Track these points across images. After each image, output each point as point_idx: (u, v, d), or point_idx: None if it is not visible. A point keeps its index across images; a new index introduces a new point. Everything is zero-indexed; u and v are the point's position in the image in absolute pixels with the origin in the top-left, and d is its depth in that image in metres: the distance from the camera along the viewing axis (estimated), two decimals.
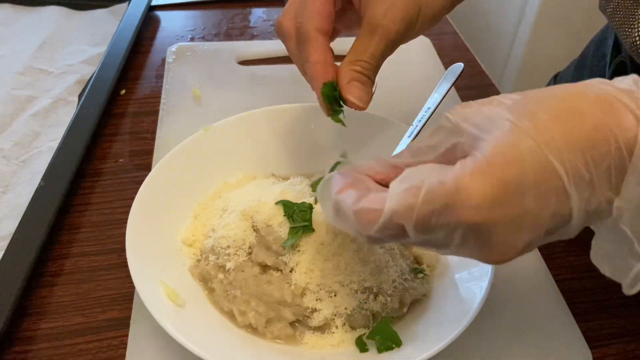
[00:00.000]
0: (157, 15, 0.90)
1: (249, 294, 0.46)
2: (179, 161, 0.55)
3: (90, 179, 0.61)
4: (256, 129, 0.60)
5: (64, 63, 0.77)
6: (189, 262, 0.50)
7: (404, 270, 0.48)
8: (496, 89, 0.78)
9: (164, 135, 0.65)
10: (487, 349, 0.47)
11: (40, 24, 0.84)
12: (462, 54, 0.85)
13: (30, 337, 0.47)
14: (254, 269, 0.47)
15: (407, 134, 0.57)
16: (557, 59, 1.38)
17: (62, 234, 0.55)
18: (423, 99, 0.60)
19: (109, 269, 0.52)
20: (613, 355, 0.48)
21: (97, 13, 0.87)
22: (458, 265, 0.49)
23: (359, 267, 0.47)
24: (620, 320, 0.50)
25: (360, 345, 0.44)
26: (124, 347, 0.46)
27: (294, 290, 0.46)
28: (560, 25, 1.34)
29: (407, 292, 0.47)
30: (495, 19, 1.47)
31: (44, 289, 0.50)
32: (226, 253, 0.47)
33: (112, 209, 0.58)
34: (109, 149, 0.65)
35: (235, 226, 0.49)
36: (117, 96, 0.73)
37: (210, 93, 0.72)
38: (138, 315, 0.47)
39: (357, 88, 0.46)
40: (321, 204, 0.39)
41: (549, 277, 0.52)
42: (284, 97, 0.70)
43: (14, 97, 0.70)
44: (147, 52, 0.82)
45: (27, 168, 0.61)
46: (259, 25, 0.89)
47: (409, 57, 0.81)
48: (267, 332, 0.45)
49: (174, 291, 0.45)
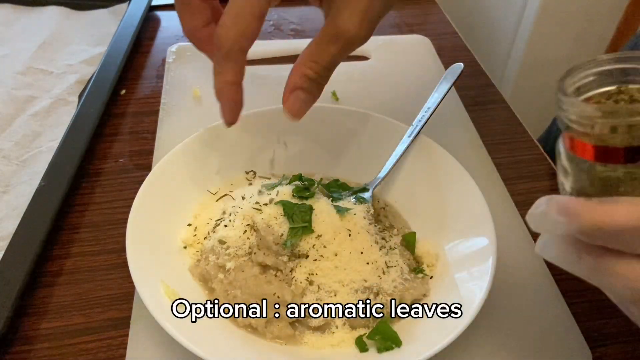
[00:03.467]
0: (157, 15, 0.90)
1: (249, 294, 0.46)
2: (179, 161, 0.55)
3: (90, 179, 0.61)
4: (256, 129, 0.60)
5: (64, 63, 0.77)
6: (189, 262, 0.50)
7: (404, 270, 0.48)
8: (496, 89, 0.78)
9: (164, 135, 0.65)
10: (487, 348, 0.47)
11: (41, 24, 0.84)
12: (462, 54, 0.85)
13: (30, 337, 0.47)
14: (254, 269, 0.47)
15: (407, 134, 0.57)
16: (557, 59, 1.38)
17: (62, 234, 0.55)
18: (423, 99, 0.60)
19: (109, 269, 0.52)
20: (613, 355, 0.48)
21: (97, 13, 0.87)
22: (458, 265, 0.49)
23: (359, 267, 0.47)
24: (620, 320, 0.50)
25: (360, 345, 0.44)
26: (124, 347, 0.46)
27: (294, 290, 0.46)
28: (560, 25, 1.34)
29: (407, 292, 0.47)
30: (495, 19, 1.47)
31: (44, 289, 0.50)
32: (226, 253, 0.48)
33: (112, 209, 0.58)
34: (109, 149, 0.65)
35: (235, 226, 0.49)
36: (117, 96, 0.73)
37: (210, 93, 0.71)
38: (138, 315, 0.47)
39: (298, 99, 0.44)
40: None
41: (549, 277, 0.52)
42: None
43: (14, 97, 0.70)
44: (147, 52, 0.82)
45: (27, 168, 0.61)
46: None
47: (409, 57, 0.81)
48: (267, 332, 0.45)
49: (174, 291, 0.45)
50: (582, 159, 0.31)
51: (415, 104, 0.60)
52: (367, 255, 0.48)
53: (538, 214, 0.32)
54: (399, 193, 0.57)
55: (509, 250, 0.53)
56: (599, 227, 0.29)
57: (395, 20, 0.90)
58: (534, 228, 0.33)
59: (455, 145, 0.59)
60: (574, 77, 0.33)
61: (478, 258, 0.47)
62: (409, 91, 0.74)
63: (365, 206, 0.52)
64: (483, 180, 0.52)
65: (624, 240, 0.29)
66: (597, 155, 0.30)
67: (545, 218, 0.31)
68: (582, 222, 0.29)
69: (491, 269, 0.45)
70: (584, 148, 0.31)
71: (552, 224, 0.31)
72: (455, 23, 0.92)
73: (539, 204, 0.32)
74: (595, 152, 0.30)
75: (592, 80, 0.33)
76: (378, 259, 0.48)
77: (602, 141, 0.30)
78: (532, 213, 0.32)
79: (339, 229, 0.48)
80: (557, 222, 0.30)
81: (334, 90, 0.72)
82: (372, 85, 0.76)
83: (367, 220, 0.50)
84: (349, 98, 0.72)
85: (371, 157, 0.58)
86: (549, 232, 0.33)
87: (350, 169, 0.60)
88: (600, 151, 0.30)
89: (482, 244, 0.48)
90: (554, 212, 0.30)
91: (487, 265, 0.45)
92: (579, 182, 0.31)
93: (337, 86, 0.74)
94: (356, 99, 0.72)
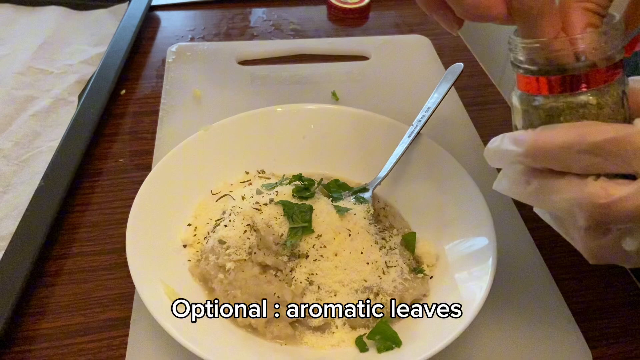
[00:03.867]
0: (157, 15, 0.90)
1: (249, 294, 0.46)
2: (179, 161, 0.55)
3: (90, 179, 0.61)
4: (256, 129, 0.60)
5: (64, 63, 0.77)
6: (189, 262, 0.50)
7: (404, 270, 0.48)
8: (496, 89, 0.78)
9: (164, 135, 0.65)
10: (487, 349, 0.47)
11: (41, 24, 0.84)
12: (462, 54, 0.85)
13: (30, 337, 0.47)
14: (254, 269, 0.47)
15: (407, 134, 0.57)
16: None
17: (62, 234, 0.55)
18: (423, 99, 0.60)
19: (109, 269, 0.52)
20: (613, 355, 0.48)
21: (97, 13, 0.87)
22: (458, 265, 0.49)
23: (359, 267, 0.47)
24: (620, 320, 0.50)
25: (360, 345, 0.44)
26: (124, 347, 0.46)
27: (294, 290, 0.46)
28: None
29: (407, 292, 0.47)
30: None
31: (44, 289, 0.50)
32: (226, 253, 0.47)
33: (112, 209, 0.58)
34: (109, 149, 0.65)
35: (235, 226, 0.49)
36: (117, 96, 0.73)
37: (210, 93, 0.72)
38: (138, 315, 0.47)
39: (592, 37, 0.34)
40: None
41: (549, 277, 0.53)
42: (284, 97, 0.70)
43: (14, 97, 0.70)
44: (147, 52, 0.82)
45: (27, 168, 0.61)
46: (259, 25, 0.89)
47: (409, 57, 0.81)
48: (267, 332, 0.45)
49: (174, 291, 0.45)
50: (529, 94, 0.35)
51: (415, 104, 0.60)
52: (367, 255, 0.48)
53: (493, 148, 0.37)
54: (399, 193, 0.57)
55: (509, 250, 0.53)
56: (540, 150, 0.33)
57: (395, 20, 0.90)
58: (490, 162, 0.37)
59: (455, 145, 0.59)
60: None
61: (478, 258, 0.47)
62: (409, 91, 0.74)
63: (365, 206, 0.52)
64: (483, 180, 0.52)
65: (563, 159, 0.32)
66: (539, 87, 0.35)
67: (498, 150, 0.36)
68: (527, 147, 0.34)
69: (491, 269, 0.45)
70: (530, 83, 0.35)
71: (504, 154, 0.36)
72: None
73: (494, 140, 0.36)
74: (538, 84, 0.35)
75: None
76: (378, 259, 0.48)
77: (543, 73, 0.34)
78: (488, 148, 0.37)
79: (339, 229, 0.48)
80: (508, 151, 0.35)
81: (334, 91, 0.72)
82: (372, 85, 0.76)
83: (367, 220, 0.50)
84: (349, 98, 0.72)
85: (371, 157, 0.58)
86: (502, 163, 0.37)
87: (350, 169, 0.60)
88: (543, 82, 0.35)
89: (482, 244, 0.48)
90: (505, 144, 0.35)
91: (487, 265, 0.45)
92: (528, 118, 0.36)
93: (337, 86, 0.74)
94: (356, 99, 0.72)
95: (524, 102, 0.36)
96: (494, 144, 0.37)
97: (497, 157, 0.37)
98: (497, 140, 0.36)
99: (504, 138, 0.36)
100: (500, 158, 0.36)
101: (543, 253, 0.55)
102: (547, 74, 0.34)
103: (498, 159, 0.37)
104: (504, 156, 0.36)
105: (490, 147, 0.37)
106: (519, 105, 0.36)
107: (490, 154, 0.37)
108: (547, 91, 0.34)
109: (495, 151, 0.36)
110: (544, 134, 0.33)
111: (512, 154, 0.35)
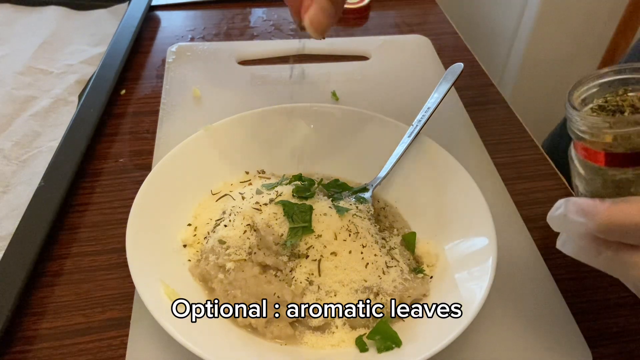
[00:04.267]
0: (157, 15, 0.90)
1: (249, 294, 0.46)
2: (179, 161, 0.55)
3: (90, 179, 0.61)
4: (256, 129, 0.60)
5: (64, 63, 0.77)
6: (189, 262, 0.50)
7: (404, 270, 0.48)
8: (496, 89, 0.78)
9: (164, 135, 0.65)
10: (487, 348, 0.47)
11: (40, 24, 0.84)
12: (462, 54, 0.85)
13: (30, 337, 0.47)
14: (254, 269, 0.47)
15: (407, 134, 0.57)
16: (557, 59, 1.38)
17: (62, 234, 0.55)
18: (423, 99, 0.60)
19: (109, 269, 0.52)
20: (613, 355, 0.48)
21: (97, 13, 0.88)
22: (458, 265, 0.49)
23: (359, 267, 0.47)
24: (620, 320, 0.50)
25: (360, 345, 0.44)
26: (124, 347, 0.46)
27: (294, 290, 0.46)
28: (560, 25, 1.34)
29: (407, 292, 0.47)
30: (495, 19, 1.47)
31: (44, 289, 0.50)
32: (226, 253, 0.47)
33: (112, 209, 0.58)
34: (109, 149, 0.65)
35: (235, 226, 0.49)
36: (117, 96, 0.73)
37: (210, 93, 0.72)
38: (138, 315, 0.47)
39: (320, 10, 0.41)
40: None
41: (549, 277, 0.52)
42: (284, 97, 0.70)
43: (14, 97, 0.70)
44: (147, 52, 0.82)
45: (27, 168, 0.61)
46: (259, 25, 0.89)
47: (409, 57, 0.81)
48: (267, 332, 0.45)
49: (174, 291, 0.45)
50: (594, 165, 0.34)
51: (415, 104, 0.60)
52: (367, 255, 0.48)
53: (557, 216, 0.34)
54: (399, 193, 0.57)
55: (509, 250, 0.53)
56: (615, 225, 0.31)
57: (395, 20, 0.90)
58: (554, 228, 0.35)
59: (455, 145, 0.59)
60: (579, 91, 0.36)
61: (478, 258, 0.47)
62: (409, 91, 0.74)
63: (365, 206, 0.52)
64: (483, 180, 0.52)
65: (638, 235, 0.31)
66: (607, 161, 0.33)
67: (564, 219, 0.34)
68: (599, 222, 0.32)
69: (491, 269, 0.45)
70: (596, 155, 0.34)
71: (571, 225, 0.34)
72: (455, 23, 0.92)
73: (558, 206, 0.35)
74: (605, 158, 0.33)
75: (595, 92, 0.36)
76: (378, 259, 0.48)
77: (611, 148, 0.33)
78: (551, 215, 0.35)
79: (339, 229, 0.48)
80: (576, 222, 0.33)
81: (334, 90, 0.72)
82: (372, 85, 0.76)
83: (367, 220, 0.50)
84: (349, 98, 0.72)
85: (371, 157, 0.58)
86: (568, 232, 0.35)
87: (350, 169, 0.60)
88: (610, 157, 0.33)
89: (482, 244, 0.48)
90: (572, 214, 0.33)
91: (487, 265, 0.45)
92: (593, 185, 0.34)
93: (337, 86, 0.74)
94: (356, 99, 0.72)
95: (587, 168, 0.35)
96: (558, 210, 0.35)
97: (564, 227, 0.35)
98: (561, 207, 0.34)
99: (569, 204, 0.34)
100: (568, 228, 0.35)
101: (543, 253, 0.55)
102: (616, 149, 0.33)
103: (565, 228, 0.35)
104: (571, 227, 0.34)
105: (554, 214, 0.35)
106: (582, 170, 0.35)
107: (555, 223, 0.35)
108: (619, 165, 0.33)
109: (562, 221, 0.34)
110: (619, 208, 0.31)
111: (582, 227, 0.33)
